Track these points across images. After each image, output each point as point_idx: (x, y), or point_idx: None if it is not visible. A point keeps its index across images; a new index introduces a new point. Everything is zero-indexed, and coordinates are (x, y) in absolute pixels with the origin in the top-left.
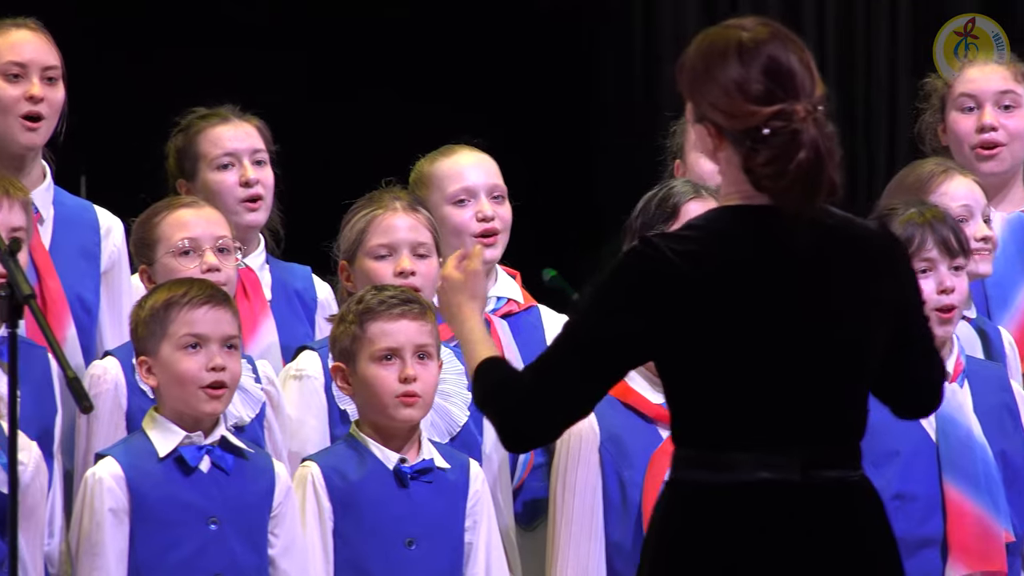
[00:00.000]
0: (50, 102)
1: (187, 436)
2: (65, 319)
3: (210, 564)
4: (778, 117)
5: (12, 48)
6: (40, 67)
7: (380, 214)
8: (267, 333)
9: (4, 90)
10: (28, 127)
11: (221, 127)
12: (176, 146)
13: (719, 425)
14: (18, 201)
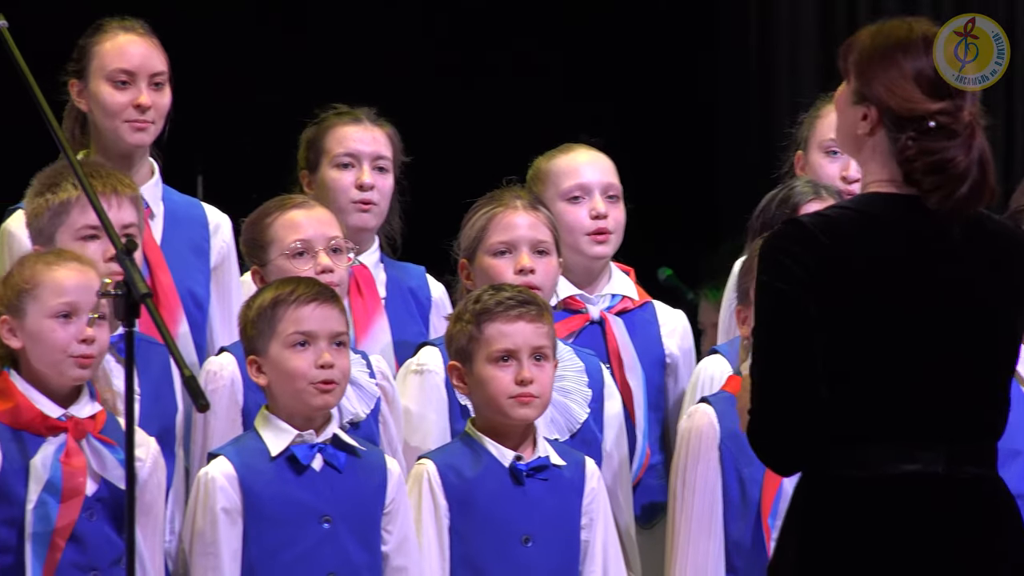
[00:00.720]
0: (157, 107)
1: (299, 435)
2: (178, 315)
3: (323, 563)
4: (945, 113)
5: (120, 55)
6: (148, 74)
7: (501, 212)
8: (381, 331)
9: (112, 96)
10: (135, 127)
11: (350, 127)
12: (307, 137)
13: (861, 417)
14: (127, 198)
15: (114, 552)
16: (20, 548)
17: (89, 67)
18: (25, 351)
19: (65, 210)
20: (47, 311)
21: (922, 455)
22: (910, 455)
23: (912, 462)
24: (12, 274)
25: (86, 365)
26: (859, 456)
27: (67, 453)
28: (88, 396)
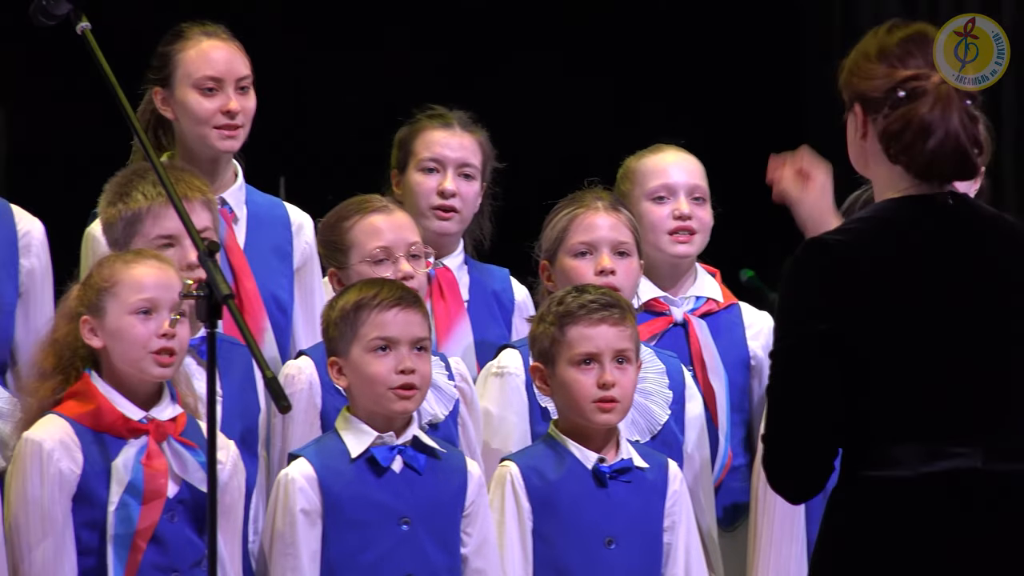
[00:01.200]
0: (244, 111)
1: (379, 436)
2: (261, 318)
3: (402, 564)
4: (914, 79)
5: (206, 62)
6: (234, 79)
7: (582, 212)
8: (463, 333)
9: (200, 104)
10: (225, 135)
11: (439, 132)
12: (399, 137)
13: (894, 417)
14: (198, 201)
15: (195, 554)
16: (102, 550)
17: (174, 75)
18: (106, 351)
19: (138, 219)
20: (127, 308)
21: (958, 452)
22: (946, 452)
23: (948, 459)
24: (92, 274)
25: (167, 364)
26: (895, 456)
27: (148, 455)
28: (169, 398)
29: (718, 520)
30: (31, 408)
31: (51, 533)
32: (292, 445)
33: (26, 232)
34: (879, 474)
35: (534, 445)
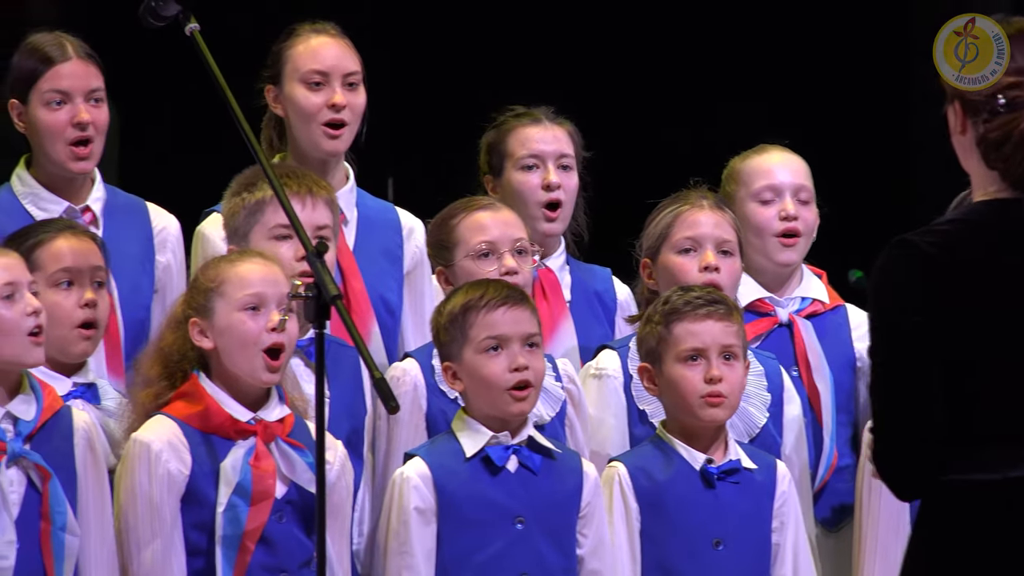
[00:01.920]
0: (352, 108)
1: (494, 436)
2: (369, 320)
3: (516, 564)
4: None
5: (313, 56)
6: (341, 74)
7: (686, 210)
8: (566, 334)
9: (307, 98)
10: (331, 134)
11: (532, 128)
12: (487, 141)
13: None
14: (322, 199)
15: (303, 554)
16: (210, 551)
17: (283, 71)
18: (216, 352)
19: (260, 209)
20: (235, 305)
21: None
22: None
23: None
24: (197, 277)
25: (275, 367)
26: (981, 459)
27: (256, 456)
28: (277, 399)
29: (824, 520)
30: (135, 416)
31: (160, 534)
32: (397, 447)
33: (162, 228)
34: (964, 478)
35: (642, 445)
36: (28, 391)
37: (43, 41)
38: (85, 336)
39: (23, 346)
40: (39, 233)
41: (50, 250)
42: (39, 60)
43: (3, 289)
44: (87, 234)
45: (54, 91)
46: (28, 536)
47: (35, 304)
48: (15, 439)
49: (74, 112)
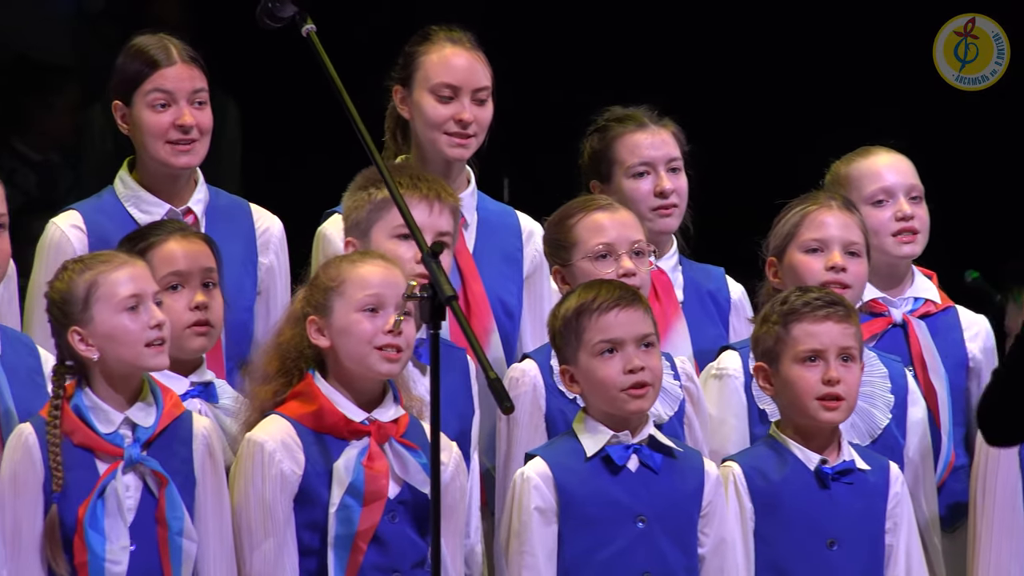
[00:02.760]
0: (479, 122)
1: (614, 435)
2: (487, 321)
3: (638, 562)
4: None
5: (446, 68)
6: (471, 89)
7: (815, 209)
8: (680, 335)
9: (435, 109)
10: (456, 143)
11: (639, 134)
12: (591, 147)
13: None
14: (448, 206)
15: (416, 554)
16: (323, 551)
17: (414, 76)
18: (333, 350)
19: (384, 207)
20: (354, 305)
21: None
22: None
23: None
24: (318, 275)
25: (394, 360)
26: None
27: (370, 457)
28: (392, 400)
29: (940, 520)
30: (252, 412)
31: (273, 533)
32: (517, 448)
33: (265, 230)
34: None
35: (756, 446)
36: (149, 397)
37: (147, 44)
38: (199, 332)
39: (145, 354)
40: (150, 236)
41: (161, 253)
42: (144, 63)
43: (128, 300)
44: (198, 236)
45: (158, 92)
46: (145, 541)
47: (159, 317)
48: (133, 445)
49: (178, 114)
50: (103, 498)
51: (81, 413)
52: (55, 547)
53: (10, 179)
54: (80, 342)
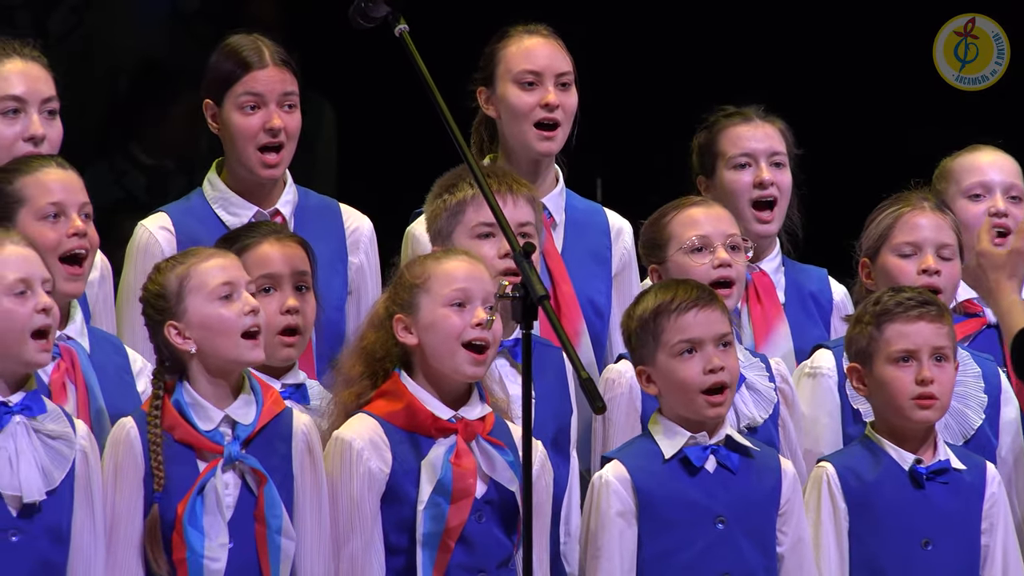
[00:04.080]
0: (564, 108)
1: (692, 437)
2: (578, 322)
3: (717, 564)
4: None
5: (526, 56)
6: (554, 74)
7: (908, 212)
8: (781, 337)
9: (519, 98)
10: (544, 135)
11: (742, 127)
12: (699, 142)
13: None
14: (523, 196)
15: (502, 553)
16: (411, 549)
17: (495, 72)
18: (420, 348)
19: (461, 209)
20: (440, 300)
21: None
22: None
23: None
24: (402, 274)
25: (479, 361)
26: None
27: (457, 454)
28: (478, 398)
29: None
30: (336, 416)
31: (360, 532)
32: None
33: (354, 229)
34: None
35: (850, 446)
36: (249, 393)
37: (241, 44)
38: (287, 343)
39: (241, 345)
40: (245, 238)
41: (255, 255)
42: (236, 64)
43: (221, 289)
44: (293, 239)
45: (249, 95)
46: (243, 539)
47: (252, 303)
48: (232, 443)
49: (267, 117)
50: (202, 495)
51: (182, 409)
52: (155, 545)
53: (119, 181)
54: (177, 335)
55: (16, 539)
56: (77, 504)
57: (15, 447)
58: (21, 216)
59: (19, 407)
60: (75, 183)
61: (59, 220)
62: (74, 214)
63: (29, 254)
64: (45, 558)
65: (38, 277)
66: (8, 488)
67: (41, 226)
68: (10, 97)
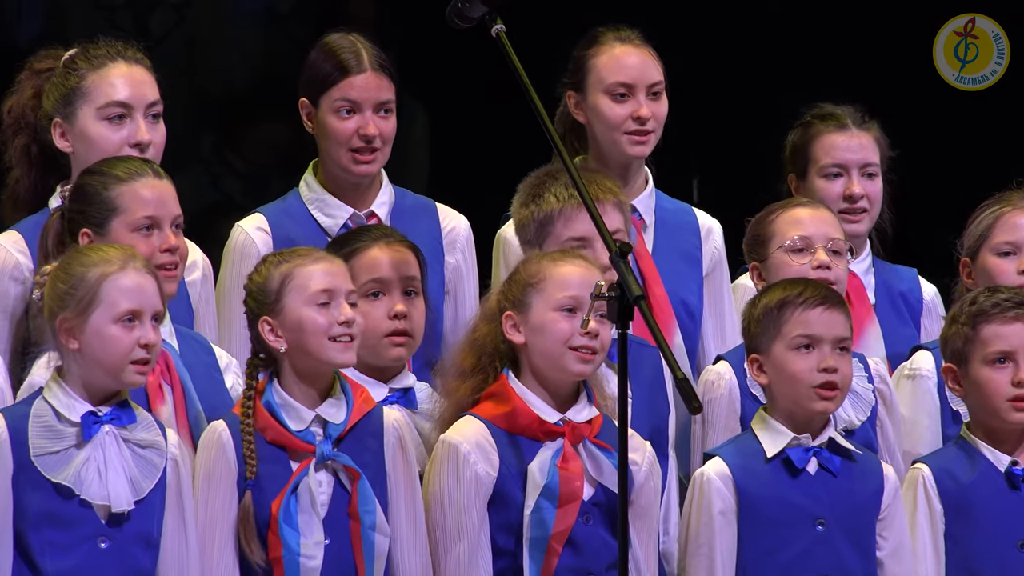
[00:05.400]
0: (656, 117)
1: (795, 438)
2: (671, 324)
3: (817, 566)
4: None
5: (618, 67)
6: (646, 85)
7: (1008, 211)
8: (873, 338)
9: (612, 110)
10: (635, 140)
11: (837, 135)
12: (793, 141)
13: None
14: (610, 203)
15: (609, 556)
16: (517, 553)
17: (587, 80)
18: (527, 348)
19: (550, 221)
20: (552, 304)
21: None
22: None
23: None
24: (517, 271)
25: (588, 360)
26: None
27: (564, 458)
28: (585, 400)
29: None
30: (449, 408)
31: (467, 536)
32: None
33: (451, 228)
34: None
35: (946, 447)
36: (339, 394)
37: (340, 46)
38: (397, 343)
39: (331, 347)
40: (355, 242)
41: (363, 259)
42: (334, 67)
43: (320, 295)
44: (403, 243)
45: (345, 100)
46: (338, 536)
47: (348, 314)
48: (324, 442)
49: (362, 123)
50: (296, 494)
51: (273, 410)
52: (249, 533)
53: (216, 184)
54: (269, 332)
55: (105, 546)
56: (168, 511)
57: (104, 457)
58: (114, 225)
59: (108, 417)
60: (169, 195)
61: (152, 233)
62: (167, 228)
63: (147, 284)
64: (135, 564)
65: (150, 309)
66: (97, 497)
67: (134, 238)
68: (116, 103)
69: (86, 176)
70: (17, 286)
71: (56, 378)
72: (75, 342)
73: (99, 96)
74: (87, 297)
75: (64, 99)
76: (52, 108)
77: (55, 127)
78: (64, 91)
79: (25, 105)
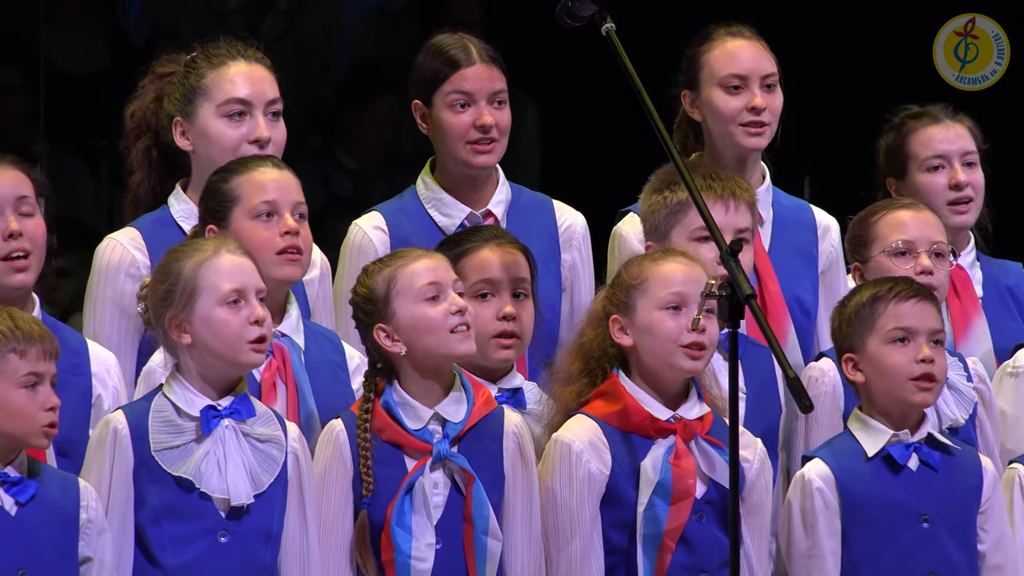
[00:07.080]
0: (771, 109)
1: (894, 435)
2: (785, 321)
3: (923, 563)
4: None
5: (731, 60)
6: (759, 76)
7: None
8: (980, 333)
9: (726, 103)
10: (750, 132)
11: (933, 128)
12: (887, 144)
13: None
14: (744, 202)
15: (722, 554)
16: (630, 551)
17: (700, 76)
18: (636, 349)
19: (681, 209)
20: (657, 303)
21: None
22: None
23: None
24: (620, 274)
25: (697, 357)
26: None
27: (676, 455)
28: (696, 397)
29: None
30: (557, 412)
31: (579, 534)
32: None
33: (568, 226)
34: None
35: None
36: (460, 391)
37: (448, 43)
38: (504, 344)
39: (449, 339)
40: (466, 242)
41: (473, 260)
42: (444, 63)
43: (427, 290)
44: (514, 244)
45: (458, 93)
46: (451, 539)
47: (459, 303)
48: (442, 441)
49: (477, 114)
50: (410, 495)
51: (391, 410)
52: (364, 549)
53: (325, 184)
54: (386, 338)
55: (225, 540)
56: (289, 506)
57: (223, 451)
58: (235, 215)
59: (228, 411)
60: (290, 182)
61: (272, 219)
62: (287, 213)
63: (244, 263)
64: (255, 558)
65: (252, 287)
66: (216, 491)
67: (254, 224)
68: (236, 100)
69: (211, 177)
70: (133, 283)
71: (175, 374)
72: (186, 336)
73: (219, 93)
74: (188, 288)
75: (185, 98)
76: (174, 108)
77: (176, 126)
78: (185, 90)
79: (147, 109)
